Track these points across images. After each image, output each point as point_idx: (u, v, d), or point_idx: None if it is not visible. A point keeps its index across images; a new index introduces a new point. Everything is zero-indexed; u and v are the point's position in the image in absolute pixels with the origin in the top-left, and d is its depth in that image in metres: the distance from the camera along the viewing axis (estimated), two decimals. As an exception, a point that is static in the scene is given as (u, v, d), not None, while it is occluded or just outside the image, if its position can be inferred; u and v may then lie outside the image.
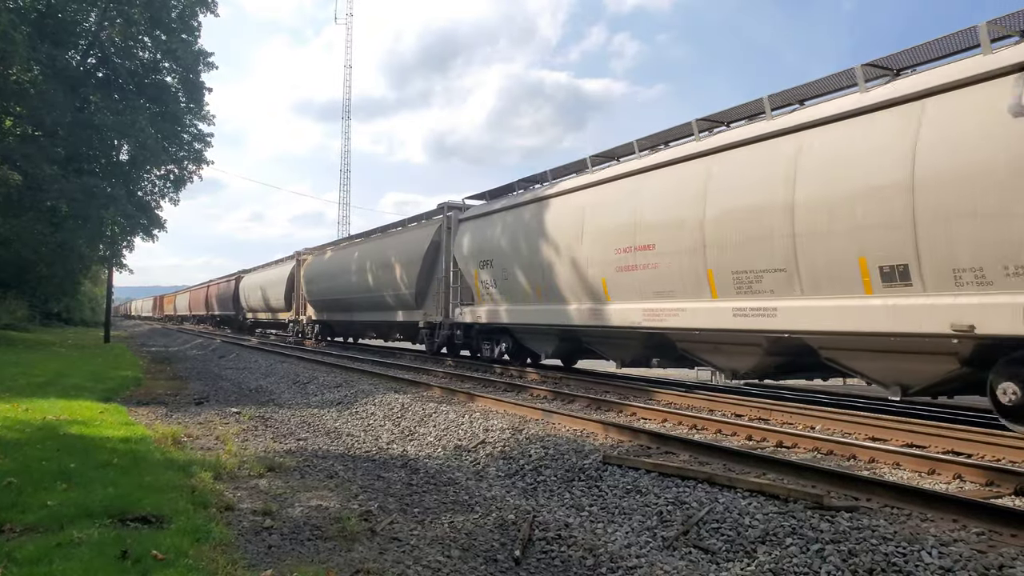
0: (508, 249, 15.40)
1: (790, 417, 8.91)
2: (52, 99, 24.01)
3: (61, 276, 31.74)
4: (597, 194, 12.90)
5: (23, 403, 9.78)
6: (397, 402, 10.97)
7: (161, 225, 30.14)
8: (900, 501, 5.02)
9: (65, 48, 26.41)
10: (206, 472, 6.52)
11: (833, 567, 4.11)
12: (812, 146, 8.89)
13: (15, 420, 8.42)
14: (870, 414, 8.48)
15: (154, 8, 26.65)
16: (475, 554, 4.86)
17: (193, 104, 29.74)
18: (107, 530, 4.54)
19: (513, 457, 7.37)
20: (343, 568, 4.41)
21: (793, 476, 5.79)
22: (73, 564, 3.88)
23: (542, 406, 9.89)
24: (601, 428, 8.16)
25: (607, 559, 4.71)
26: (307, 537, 5.05)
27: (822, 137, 8.82)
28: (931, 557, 4.02)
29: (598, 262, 12.52)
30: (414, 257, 19.91)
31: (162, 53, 28.58)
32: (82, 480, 5.70)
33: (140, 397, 12.83)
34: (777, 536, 4.61)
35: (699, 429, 8.57)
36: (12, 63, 21.64)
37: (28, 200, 24.86)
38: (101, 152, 28.28)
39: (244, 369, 19.04)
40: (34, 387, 12.08)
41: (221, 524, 5.05)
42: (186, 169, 30.41)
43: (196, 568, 3.97)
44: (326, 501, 6.02)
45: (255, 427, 10.07)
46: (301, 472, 7.17)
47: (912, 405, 10.10)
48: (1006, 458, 6.54)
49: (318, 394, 13.35)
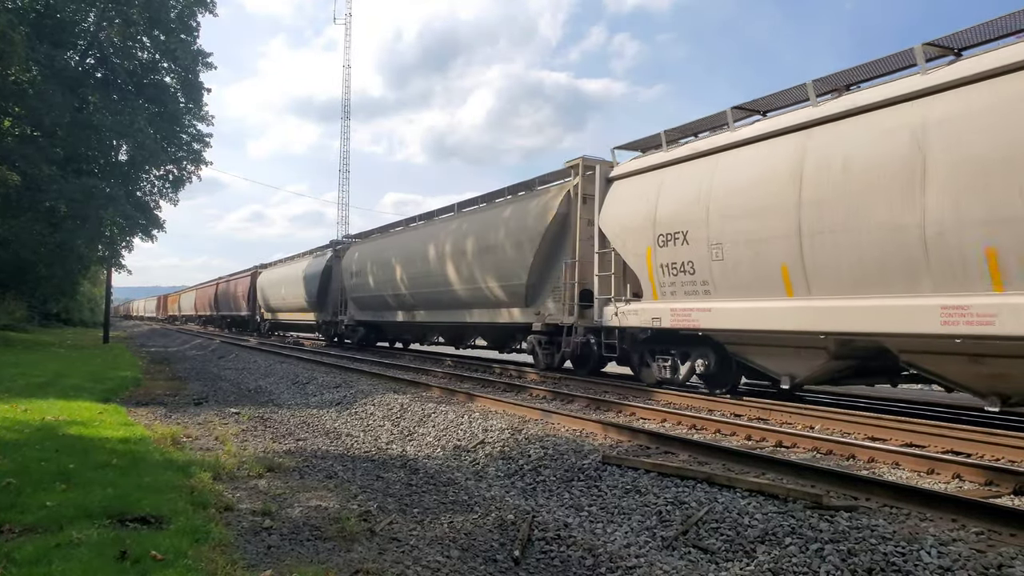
0: (733, 212, 10.00)
1: (789, 417, 8.92)
2: (51, 99, 23.99)
3: (60, 277, 31.72)
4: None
5: (22, 404, 9.77)
6: (396, 402, 10.97)
7: (160, 225, 30.17)
8: (899, 501, 5.03)
9: (64, 48, 26.41)
10: (205, 472, 6.51)
11: (832, 567, 4.11)
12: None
13: (14, 421, 8.41)
14: (869, 414, 8.49)
15: (153, 8, 26.64)
16: (474, 554, 4.85)
17: (192, 104, 29.77)
18: (106, 531, 4.54)
19: (512, 457, 7.37)
20: (342, 568, 4.40)
21: (792, 476, 5.80)
22: (72, 565, 3.87)
23: (541, 406, 9.89)
24: (600, 428, 8.16)
25: (606, 559, 4.71)
26: (306, 537, 5.05)
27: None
28: (930, 557, 4.02)
29: (974, 221, 7.31)
30: (528, 235, 14.86)
31: (161, 53, 28.58)
32: (81, 481, 5.69)
33: (139, 397, 12.82)
34: (776, 536, 4.62)
35: (698, 429, 8.58)
36: (11, 63, 21.61)
37: (27, 200, 24.85)
38: (100, 152, 28.28)
39: (243, 369, 19.02)
40: (33, 388, 12.06)
41: (220, 524, 5.05)
42: (185, 169, 30.46)
43: (195, 568, 3.96)
44: (325, 501, 6.02)
45: (254, 427, 10.07)
46: (300, 472, 7.17)
47: (912, 405, 10.12)
48: (1005, 458, 6.56)
49: (317, 394, 13.34)
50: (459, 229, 18.21)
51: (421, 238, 20.51)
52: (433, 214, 21.26)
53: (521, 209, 15.72)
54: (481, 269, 16.67)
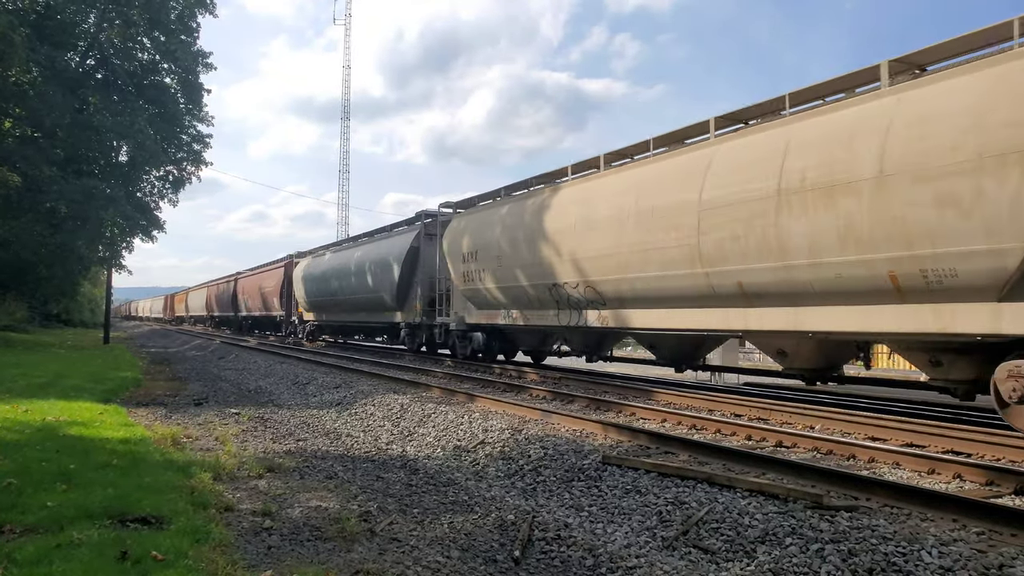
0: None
1: (789, 417, 8.91)
2: (51, 100, 24.02)
3: (60, 277, 31.73)
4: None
5: (23, 404, 9.78)
6: (396, 403, 10.97)
7: (160, 226, 30.18)
8: (900, 501, 5.02)
9: (64, 49, 26.43)
10: (205, 473, 6.51)
11: (833, 567, 4.11)
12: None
13: (15, 421, 8.42)
14: (869, 414, 8.49)
15: (153, 9, 26.67)
16: (475, 554, 4.85)
17: (192, 105, 29.78)
18: (107, 531, 4.54)
19: (512, 457, 7.37)
20: (343, 569, 4.40)
21: (793, 476, 5.79)
22: (73, 565, 3.88)
23: (541, 406, 9.88)
24: (600, 428, 8.16)
25: (607, 559, 4.71)
26: (306, 538, 5.05)
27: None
28: (931, 557, 4.02)
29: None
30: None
31: (161, 54, 28.60)
32: (82, 481, 5.70)
33: (139, 398, 12.83)
34: (777, 536, 4.62)
35: (698, 429, 8.57)
36: (11, 64, 21.64)
37: (27, 201, 24.87)
38: (100, 153, 28.29)
39: (243, 370, 19.03)
40: (34, 388, 12.07)
41: (220, 525, 5.05)
42: (185, 170, 30.47)
43: (196, 569, 3.96)
44: (325, 502, 6.02)
45: (254, 428, 10.07)
46: (300, 473, 7.17)
47: (912, 405, 10.11)
48: (1006, 458, 6.55)
49: (317, 395, 13.35)
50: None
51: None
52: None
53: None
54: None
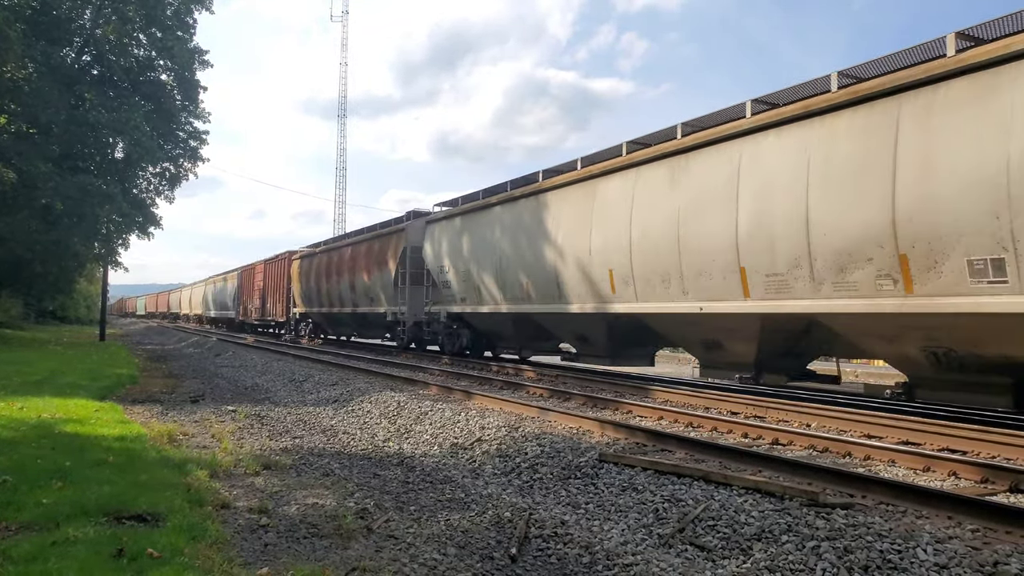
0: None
1: (785, 415, 8.94)
2: (47, 96, 23.90)
3: (56, 274, 31.63)
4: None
5: (18, 401, 9.74)
6: (393, 400, 10.96)
7: (157, 223, 30.06)
8: (895, 498, 5.04)
9: (60, 45, 26.29)
10: (202, 470, 6.50)
11: (829, 564, 4.12)
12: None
13: (10, 418, 8.39)
14: (865, 411, 8.51)
15: (149, 6, 26.54)
16: (471, 552, 4.85)
17: (188, 102, 29.66)
18: (103, 528, 4.53)
19: (509, 455, 7.37)
20: (339, 566, 4.40)
21: (788, 473, 5.81)
22: (69, 562, 3.87)
23: (538, 404, 9.89)
24: (597, 426, 8.17)
25: (603, 556, 4.71)
26: (303, 535, 5.05)
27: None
28: (926, 554, 4.03)
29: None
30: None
31: (157, 50, 28.45)
32: (77, 478, 5.68)
33: (136, 395, 12.79)
34: (773, 533, 4.62)
35: (695, 427, 8.58)
36: (6, 60, 21.54)
37: (23, 198, 24.75)
38: (96, 150, 28.16)
39: (240, 367, 19.00)
40: (29, 385, 12.03)
41: (217, 522, 5.04)
42: (182, 167, 30.34)
43: (192, 566, 3.96)
44: (322, 499, 6.01)
45: (251, 425, 10.05)
46: (297, 470, 7.16)
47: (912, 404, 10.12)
48: (1001, 455, 6.57)
49: (314, 392, 13.33)
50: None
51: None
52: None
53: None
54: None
